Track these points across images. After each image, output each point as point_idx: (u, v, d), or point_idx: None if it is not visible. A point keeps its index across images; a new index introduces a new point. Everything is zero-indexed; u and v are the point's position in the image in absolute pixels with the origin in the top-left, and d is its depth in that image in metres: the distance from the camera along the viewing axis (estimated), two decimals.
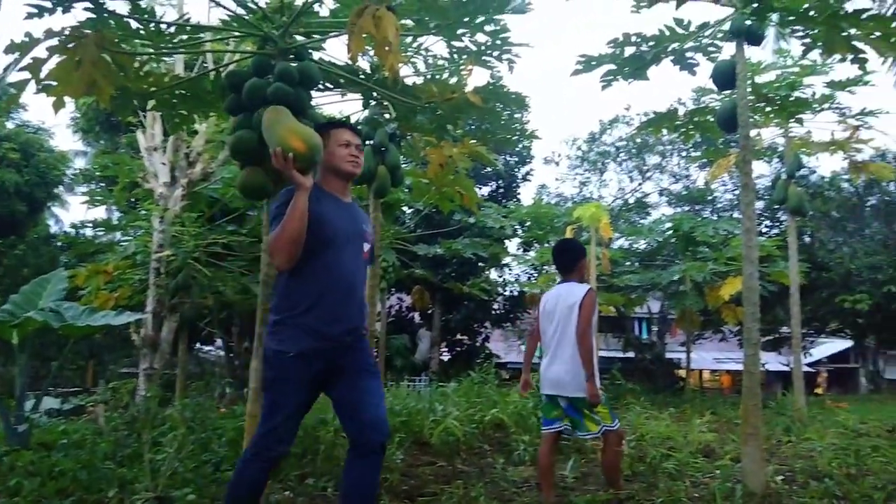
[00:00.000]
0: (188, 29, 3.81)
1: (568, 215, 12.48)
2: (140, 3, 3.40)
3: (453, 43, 3.77)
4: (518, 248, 18.45)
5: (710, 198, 22.65)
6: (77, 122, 16.83)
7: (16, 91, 3.12)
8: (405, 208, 11.60)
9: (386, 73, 3.24)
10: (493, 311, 20.60)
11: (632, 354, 21.31)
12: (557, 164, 25.66)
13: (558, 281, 3.97)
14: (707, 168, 12.18)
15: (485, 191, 19.55)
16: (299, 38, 3.77)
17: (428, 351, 19.20)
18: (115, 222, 9.32)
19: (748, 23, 4.29)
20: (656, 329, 22.92)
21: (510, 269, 19.93)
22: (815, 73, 7.00)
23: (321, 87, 4.03)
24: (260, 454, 2.62)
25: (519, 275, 20.00)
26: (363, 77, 4.03)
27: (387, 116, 5.02)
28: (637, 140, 23.08)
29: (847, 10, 3.94)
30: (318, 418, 5.05)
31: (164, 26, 3.51)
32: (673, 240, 14.58)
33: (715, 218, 18.50)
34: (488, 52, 3.80)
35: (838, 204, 21.99)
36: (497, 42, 3.71)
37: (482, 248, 13.53)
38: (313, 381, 2.65)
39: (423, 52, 4.25)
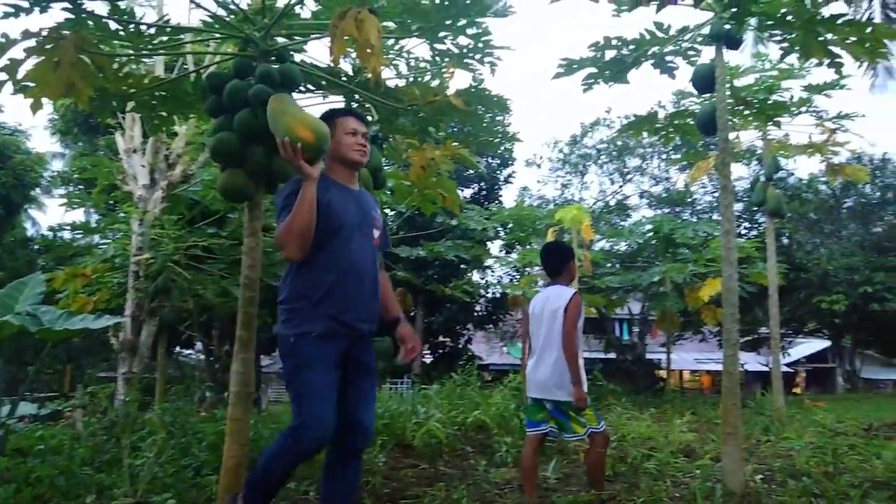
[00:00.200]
0: (168, 30, 3.78)
1: (550, 217, 12.50)
2: (119, 3, 3.36)
3: (435, 45, 3.77)
4: (500, 250, 18.48)
5: (689, 200, 22.86)
6: (55, 123, 16.64)
7: None
8: (387, 210, 11.58)
9: (368, 76, 3.24)
10: (476, 313, 20.67)
11: (613, 355, 21.44)
12: (539, 166, 25.78)
13: (545, 283, 3.99)
14: (687, 170, 12.28)
15: (467, 193, 19.60)
16: (281, 40, 3.75)
17: (395, 357, 19.16)
18: (93, 225, 9.20)
19: (727, 27, 4.34)
20: (637, 330, 23.08)
21: (492, 271, 19.99)
22: (793, 76, 7.09)
23: (303, 89, 4.01)
24: (291, 439, 2.51)
25: (501, 277, 20.08)
26: (345, 79, 4.02)
27: (369, 119, 5.01)
28: (618, 143, 23.24)
29: (823, 16, 4.00)
30: None
31: (143, 27, 3.48)
32: (653, 241, 14.68)
33: (694, 220, 18.67)
34: (470, 54, 3.80)
35: (816, 206, 22.29)
36: (479, 45, 3.71)
37: (464, 251, 13.53)
38: (338, 365, 2.60)
39: (405, 55, 4.25)
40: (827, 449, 5.17)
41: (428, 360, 20.30)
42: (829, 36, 4.08)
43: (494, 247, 17.90)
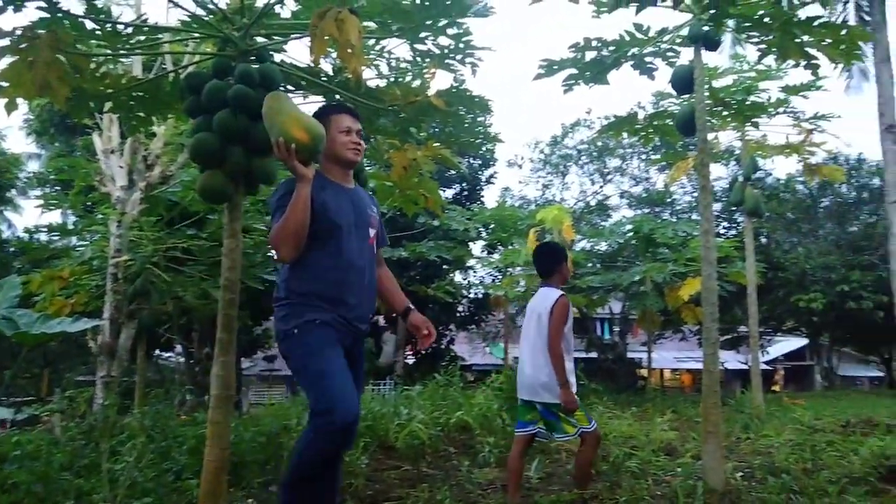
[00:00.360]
0: (146, 30, 3.74)
1: (531, 218, 12.57)
2: (96, 2, 3.32)
3: (416, 46, 3.77)
4: (482, 251, 18.52)
5: (669, 200, 23.04)
6: (30, 124, 16.38)
7: None
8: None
9: (349, 76, 3.23)
10: (458, 314, 20.65)
11: (594, 355, 21.54)
12: (520, 166, 25.86)
13: (539, 284, 4.01)
14: (666, 171, 12.39)
15: (449, 193, 19.60)
16: (260, 40, 3.72)
17: (393, 354, 19.14)
18: (70, 227, 9.09)
19: (705, 29, 4.38)
20: (618, 329, 23.19)
21: (474, 272, 20.02)
22: (770, 77, 7.16)
23: (282, 89, 3.99)
24: (323, 427, 2.40)
25: (483, 277, 20.11)
26: (325, 79, 4.00)
27: None
28: (598, 143, 23.36)
29: (800, 18, 4.05)
30: (280, 425, 4.99)
31: (121, 27, 3.43)
32: (633, 241, 14.79)
33: (674, 220, 18.81)
34: (451, 55, 3.80)
35: (793, 205, 22.55)
36: (460, 45, 3.71)
37: (446, 251, 13.56)
38: (344, 352, 2.56)
39: (386, 55, 4.24)
40: (805, 446, 5.24)
41: (410, 360, 20.27)
42: (806, 38, 4.13)
43: (476, 247, 17.97)
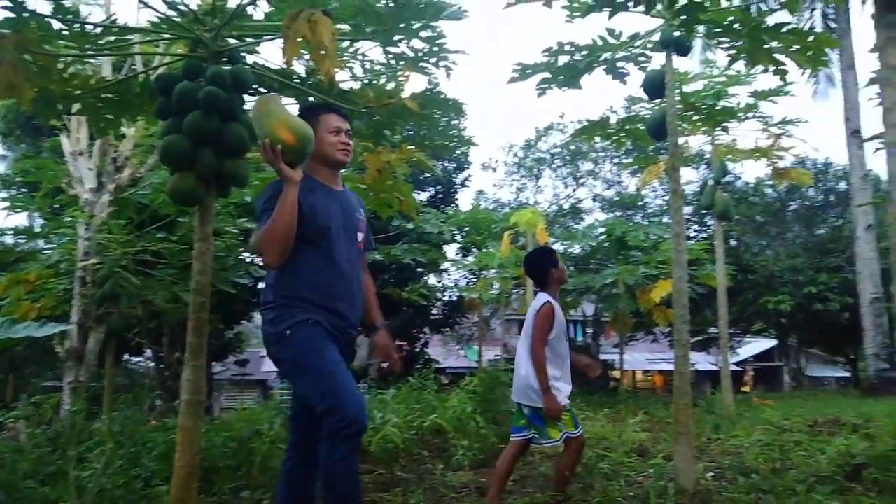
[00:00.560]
0: (115, 30, 3.69)
1: (505, 220, 12.59)
2: (63, 2, 3.26)
3: (390, 49, 3.76)
4: (457, 254, 18.53)
5: (641, 203, 23.27)
6: None
7: None
8: None
9: (321, 78, 3.21)
10: (432, 317, 20.62)
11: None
12: (495, 170, 25.97)
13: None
14: (638, 174, 12.50)
15: (423, 196, 19.57)
16: (232, 42, 3.69)
17: (367, 357, 19.05)
18: (37, 230, 8.93)
19: (677, 34, 4.43)
20: (591, 331, 23.37)
21: (449, 275, 19.99)
22: (740, 83, 7.27)
23: (255, 90, 3.96)
24: (341, 430, 2.35)
25: (458, 280, 20.10)
26: (298, 81, 3.97)
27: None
28: (571, 147, 23.53)
29: (769, 24, 4.11)
30: (252, 429, 4.94)
31: (89, 27, 3.38)
32: (606, 244, 14.88)
33: (646, 223, 18.98)
34: (425, 58, 3.80)
35: (762, 209, 22.91)
36: (433, 49, 3.71)
37: (421, 254, 13.54)
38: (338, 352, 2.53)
39: (359, 58, 4.23)
40: (774, 446, 5.32)
41: (385, 364, 20.20)
42: (774, 44, 4.20)
43: (451, 250, 17.97)
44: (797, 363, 29.69)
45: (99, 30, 3.48)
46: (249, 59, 3.80)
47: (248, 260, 9.52)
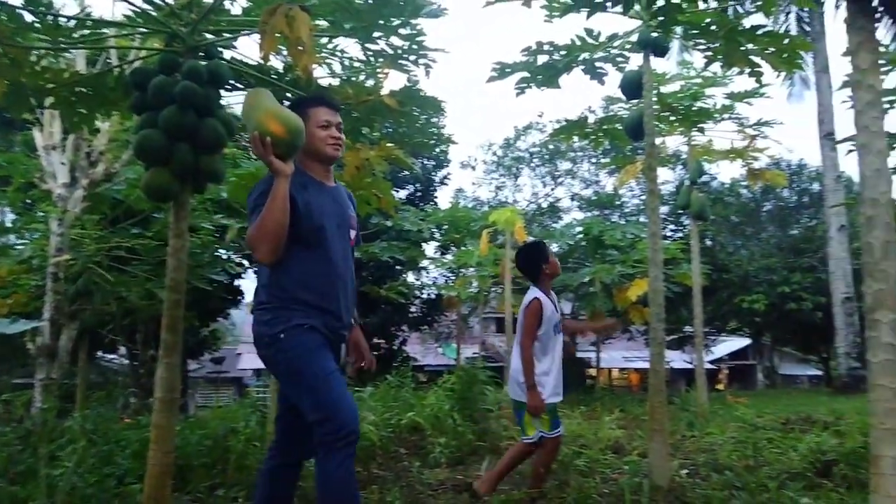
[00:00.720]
0: (89, 24, 3.63)
1: (484, 219, 12.62)
2: None
3: (368, 45, 3.75)
4: (435, 252, 18.53)
5: (618, 203, 23.47)
6: None
7: None
8: None
9: (299, 74, 3.19)
10: (411, 315, 20.60)
11: None
12: (474, 168, 26.05)
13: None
14: (615, 174, 12.59)
15: (402, 194, 19.55)
16: (209, 36, 3.65)
17: (345, 356, 18.97)
18: (8, 225, 8.77)
19: (654, 35, 4.47)
20: None
21: (427, 273, 19.99)
22: (716, 84, 7.34)
23: (231, 86, 3.92)
24: (336, 441, 2.29)
25: (436, 278, 20.09)
26: (276, 77, 3.94)
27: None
28: (550, 146, 23.64)
29: (745, 27, 4.16)
30: (227, 427, 4.90)
31: (62, 20, 3.33)
32: (583, 243, 14.97)
33: (623, 222, 19.15)
34: (404, 55, 3.79)
35: (737, 209, 23.22)
36: (413, 46, 3.71)
37: (399, 252, 13.49)
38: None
39: (338, 54, 4.20)
40: (748, 443, 5.39)
41: (360, 363, 20.14)
42: (750, 46, 4.25)
43: (430, 248, 17.95)
44: (770, 361, 30.09)
45: (72, 23, 3.42)
46: (226, 54, 3.76)
47: (224, 257, 9.44)
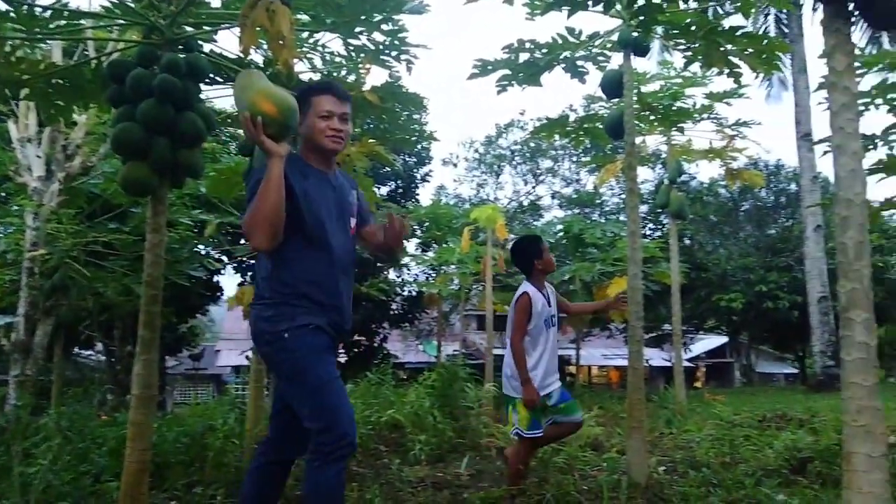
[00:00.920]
0: (66, 14, 3.58)
1: (466, 216, 12.62)
2: None
3: (350, 41, 3.73)
4: (417, 249, 18.52)
5: (598, 201, 23.59)
6: None
7: None
8: None
9: (279, 68, 3.16)
10: (392, 312, 20.56)
11: None
12: (455, 165, 26.05)
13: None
14: (596, 173, 12.66)
15: (384, 191, 19.49)
16: (188, 29, 3.62)
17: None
18: None
19: (635, 35, 4.49)
20: None
21: (409, 270, 19.97)
22: (696, 84, 7.39)
23: (211, 79, 3.89)
24: (333, 451, 2.22)
25: (417, 275, 20.08)
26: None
27: None
28: (531, 144, 23.71)
29: (724, 27, 4.20)
30: (205, 424, 4.87)
31: (38, 10, 3.28)
32: (564, 241, 15.03)
33: (603, 220, 19.25)
34: (386, 51, 3.78)
35: (715, 208, 23.44)
36: (395, 42, 3.69)
37: None
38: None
39: (320, 49, 4.18)
40: (725, 440, 5.45)
41: (343, 359, 20.09)
42: (729, 46, 4.29)
43: (411, 245, 17.94)
44: (748, 360, 30.45)
45: (49, 13, 3.37)
46: (206, 47, 3.73)
47: (202, 252, 9.35)
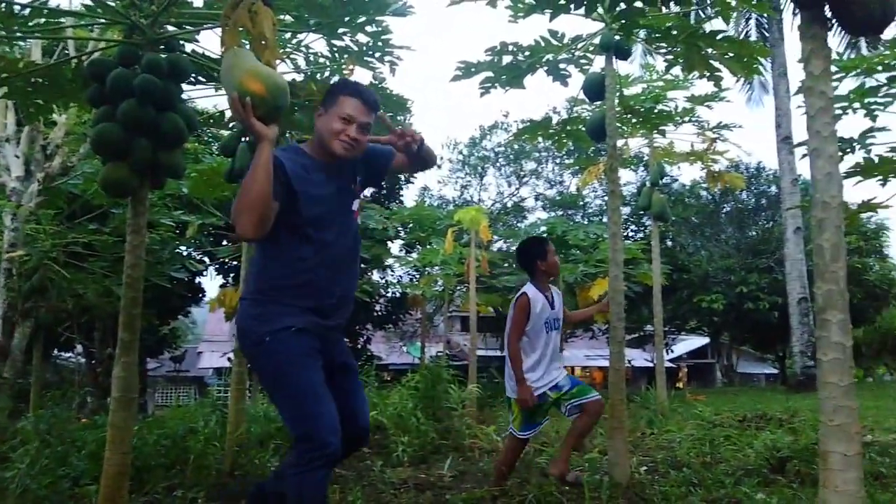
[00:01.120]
0: (45, 12, 3.54)
1: (449, 218, 12.62)
2: None
3: (334, 42, 3.73)
4: (400, 250, 18.49)
5: (581, 203, 23.70)
6: None
7: None
8: None
9: None
10: (375, 313, 20.53)
11: None
12: (439, 167, 26.00)
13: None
14: (579, 175, 12.73)
15: (367, 192, 19.45)
16: (170, 29, 3.60)
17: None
18: None
19: (617, 38, 4.52)
20: None
21: (392, 271, 19.95)
22: (677, 87, 7.43)
23: (193, 80, 3.87)
24: (314, 460, 2.14)
25: (401, 276, 20.07)
26: None
27: None
28: (515, 146, 23.77)
29: (705, 31, 4.24)
30: (186, 427, 4.83)
31: (17, 7, 3.24)
32: None
33: (586, 222, 19.34)
34: (370, 52, 3.78)
35: (697, 210, 23.63)
36: (378, 43, 3.70)
37: (364, 250, 13.41)
38: (323, 365, 2.32)
39: (303, 49, 4.17)
40: (705, 440, 5.49)
41: None
42: (710, 50, 4.32)
43: (395, 246, 17.91)
44: (729, 360, 30.73)
45: (28, 11, 3.34)
46: (188, 47, 3.71)
47: (184, 253, 9.29)
